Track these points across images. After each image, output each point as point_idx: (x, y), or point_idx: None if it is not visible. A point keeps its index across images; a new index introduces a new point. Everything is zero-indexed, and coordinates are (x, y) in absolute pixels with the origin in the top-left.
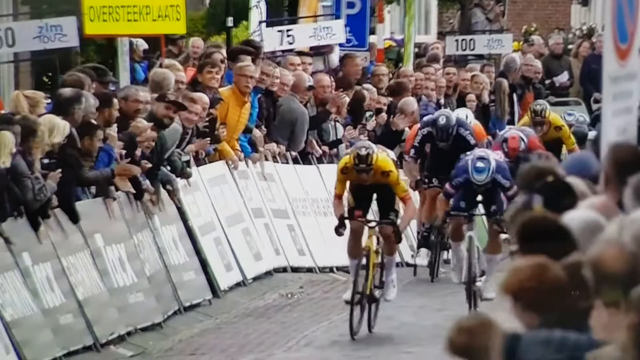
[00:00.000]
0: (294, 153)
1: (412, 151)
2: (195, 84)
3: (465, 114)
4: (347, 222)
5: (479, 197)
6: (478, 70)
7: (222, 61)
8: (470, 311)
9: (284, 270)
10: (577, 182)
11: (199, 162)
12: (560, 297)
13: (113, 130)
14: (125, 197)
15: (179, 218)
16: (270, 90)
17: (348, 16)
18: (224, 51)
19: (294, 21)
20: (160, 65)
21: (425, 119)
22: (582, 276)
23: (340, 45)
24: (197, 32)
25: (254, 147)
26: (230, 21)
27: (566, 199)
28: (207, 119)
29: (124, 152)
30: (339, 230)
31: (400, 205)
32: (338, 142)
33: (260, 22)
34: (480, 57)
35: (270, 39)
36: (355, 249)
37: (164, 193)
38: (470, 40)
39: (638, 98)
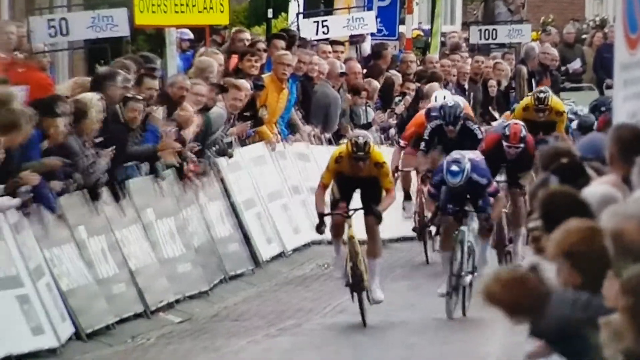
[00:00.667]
0: (328, 135)
1: (423, 144)
2: (237, 72)
3: (444, 95)
4: (326, 218)
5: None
6: (500, 57)
7: (264, 50)
8: (462, 307)
9: (321, 242)
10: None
11: (241, 143)
12: (606, 261)
13: (157, 111)
14: (174, 175)
15: (223, 195)
16: (308, 77)
17: (379, 8)
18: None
19: (329, 12)
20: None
21: (433, 112)
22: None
23: (372, 34)
24: (239, 23)
25: (291, 130)
26: (270, 13)
27: (580, 178)
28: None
29: (169, 129)
30: (320, 228)
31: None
32: (369, 125)
33: (297, 14)
34: (501, 45)
35: (307, 29)
36: (337, 240)
37: (209, 172)
38: (493, 30)
39: None
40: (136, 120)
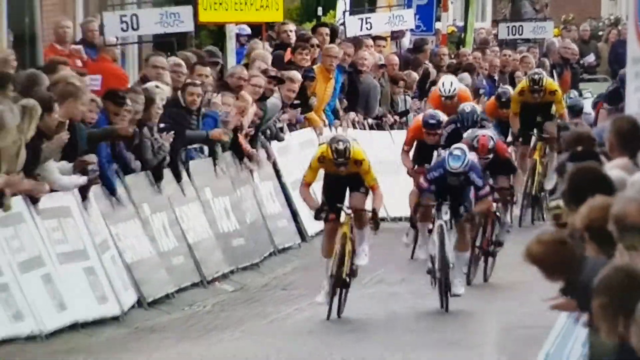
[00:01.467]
0: (370, 120)
1: (440, 149)
2: (290, 64)
3: (450, 81)
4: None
5: (448, 199)
6: (526, 51)
7: (317, 46)
8: (442, 300)
9: None
10: None
11: (291, 128)
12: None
13: (218, 98)
14: (230, 157)
15: (274, 176)
16: (355, 69)
17: (418, 6)
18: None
19: (372, 10)
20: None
21: (449, 118)
22: None
23: (411, 30)
24: (292, 20)
25: (336, 116)
26: (320, 10)
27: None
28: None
29: (228, 114)
30: (319, 216)
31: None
32: (406, 112)
33: (344, 12)
34: (527, 40)
35: (352, 26)
36: (328, 247)
37: (262, 154)
38: (519, 26)
39: None
40: (195, 103)
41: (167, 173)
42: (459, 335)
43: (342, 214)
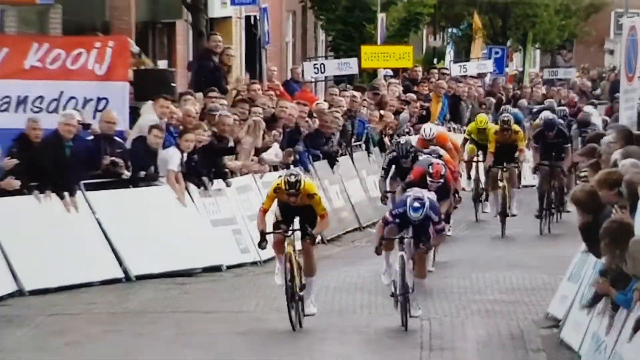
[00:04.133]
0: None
1: (382, 172)
2: (415, 92)
3: (430, 127)
4: (268, 236)
5: (410, 231)
6: (559, 86)
7: (432, 81)
8: (402, 319)
9: None
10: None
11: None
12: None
13: (366, 111)
14: (378, 151)
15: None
16: (456, 96)
17: (495, 58)
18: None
19: (467, 60)
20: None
21: (391, 147)
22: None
23: (490, 72)
24: (418, 65)
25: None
26: (435, 61)
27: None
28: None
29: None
30: (261, 244)
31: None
32: None
33: (450, 61)
34: (560, 80)
35: (454, 70)
36: (279, 253)
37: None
38: (555, 71)
39: (637, 102)
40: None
41: (341, 160)
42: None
43: (286, 241)
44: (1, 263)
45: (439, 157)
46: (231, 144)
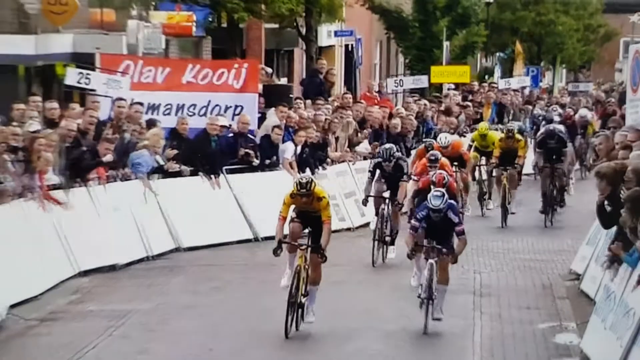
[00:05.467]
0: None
1: (369, 174)
2: (471, 101)
3: (446, 136)
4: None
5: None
6: (580, 97)
7: (482, 92)
8: (424, 323)
9: None
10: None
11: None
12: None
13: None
14: None
15: None
16: (502, 103)
17: (531, 75)
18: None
19: (511, 76)
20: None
21: (377, 152)
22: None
23: (529, 86)
24: (473, 81)
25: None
26: (486, 77)
27: None
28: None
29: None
30: (276, 251)
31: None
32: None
33: (497, 77)
34: (582, 92)
35: (501, 84)
36: (291, 251)
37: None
38: (577, 85)
39: None
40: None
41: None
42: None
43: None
44: (164, 227)
45: (437, 160)
46: (332, 139)
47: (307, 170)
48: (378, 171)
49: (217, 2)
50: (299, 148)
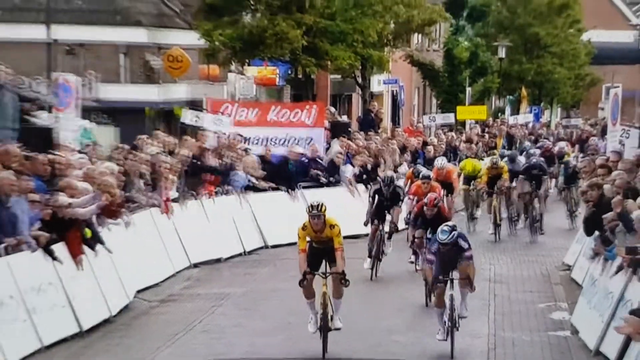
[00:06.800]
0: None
1: (370, 199)
2: (488, 133)
3: (442, 161)
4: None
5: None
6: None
7: (495, 127)
8: (451, 349)
9: None
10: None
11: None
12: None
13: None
14: None
15: None
16: (511, 135)
17: (534, 113)
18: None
19: (518, 114)
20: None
21: (378, 179)
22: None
23: (532, 121)
24: (489, 117)
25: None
26: (499, 114)
27: None
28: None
29: None
30: (302, 283)
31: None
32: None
33: (508, 115)
34: (572, 126)
35: (511, 120)
36: (306, 294)
37: None
38: (570, 120)
39: (619, 137)
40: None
41: None
42: None
43: (322, 278)
44: (255, 229)
45: (429, 177)
46: (381, 162)
47: (365, 185)
48: (377, 197)
49: (294, 59)
50: (356, 169)
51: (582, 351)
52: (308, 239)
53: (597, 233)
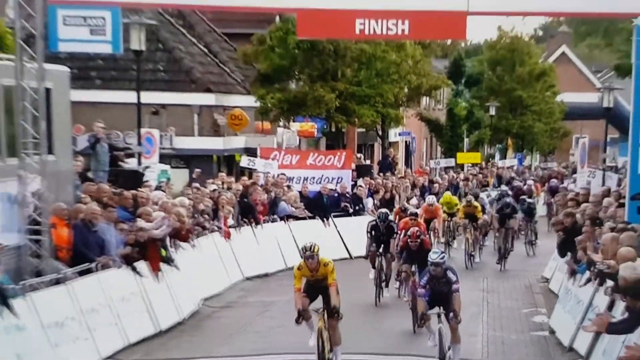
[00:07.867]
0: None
1: (367, 234)
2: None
3: (432, 198)
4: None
5: (438, 309)
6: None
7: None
8: None
9: None
10: None
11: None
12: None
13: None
14: None
15: None
16: (499, 175)
17: (518, 158)
18: None
19: (505, 158)
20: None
21: (375, 216)
22: None
23: (516, 164)
24: (482, 161)
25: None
26: (490, 159)
27: None
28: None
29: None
30: (298, 320)
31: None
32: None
33: (498, 159)
34: (548, 167)
35: (500, 163)
36: (307, 319)
37: None
38: (547, 164)
39: (587, 179)
40: None
41: None
42: None
43: (316, 314)
44: (295, 249)
45: (416, 215)
46: (396, 196)
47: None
48: (373, 232)
49: (329, 116)
50: (376, 201)
51: (558, 348)
52: (304, 279)
53: (570, 254)
